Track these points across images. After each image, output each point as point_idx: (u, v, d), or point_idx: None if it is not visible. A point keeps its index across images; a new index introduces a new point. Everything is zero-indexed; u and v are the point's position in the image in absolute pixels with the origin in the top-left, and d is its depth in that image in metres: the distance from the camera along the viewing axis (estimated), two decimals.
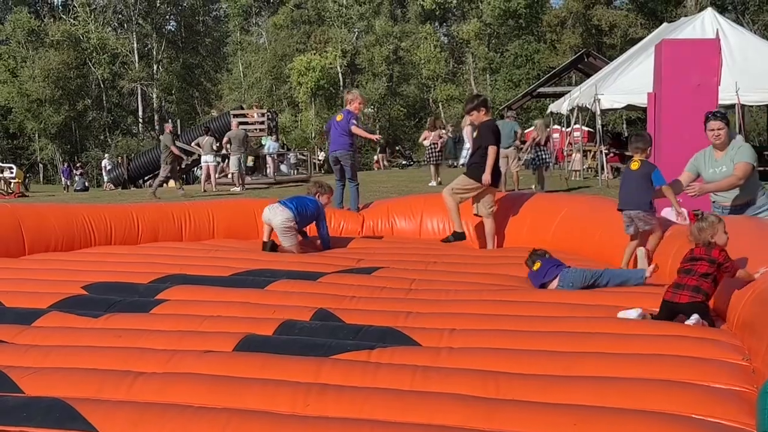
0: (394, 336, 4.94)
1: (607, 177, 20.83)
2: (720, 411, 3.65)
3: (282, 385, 4.07)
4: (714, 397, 3.79)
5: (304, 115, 55.09)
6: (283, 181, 26.59)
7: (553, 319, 5.28)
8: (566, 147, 26.52)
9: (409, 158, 47.16)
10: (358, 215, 10.64)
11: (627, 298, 5.80)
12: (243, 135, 23.36)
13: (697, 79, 10.06)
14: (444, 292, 6.28)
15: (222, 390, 4.04)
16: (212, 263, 7.77)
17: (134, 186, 34.24)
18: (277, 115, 38.90)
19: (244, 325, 5.23)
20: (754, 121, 33.38)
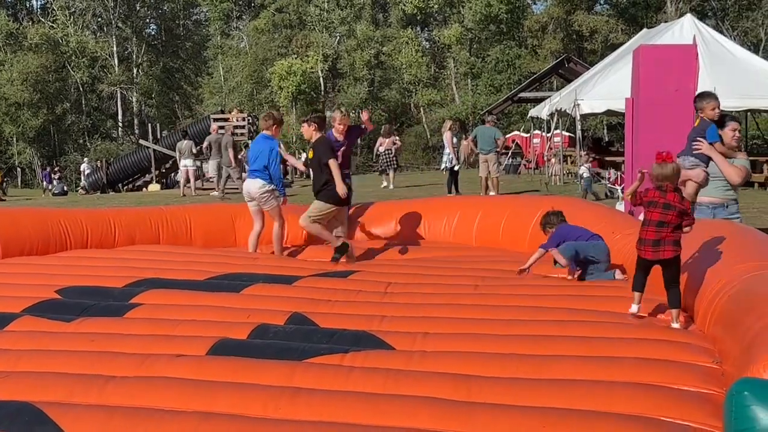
0: (368, 340, 4.96)
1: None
2: (689, 414, 3.69)
3: (254, 388, 4.08)
4: (683, 400, 3.83)
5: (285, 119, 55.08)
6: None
7: (523, 323, 5.31)
8: (547, 152, 26.63)
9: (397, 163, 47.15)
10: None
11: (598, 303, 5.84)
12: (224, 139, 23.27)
13: (674, 84, 10.12)
14: (419, 296, 6.29)
15: (193, 394, 4.04)
16: (188, 267, 7.75)
17: (113, 190, 34.08)
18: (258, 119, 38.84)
19: (218, 329, 5.23)
20: None
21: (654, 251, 5.14)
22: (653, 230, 5.14)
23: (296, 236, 9.72)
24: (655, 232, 5.14)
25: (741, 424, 3.12)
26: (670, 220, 5.13)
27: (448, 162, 19.08)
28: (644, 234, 5.19)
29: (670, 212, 5.13)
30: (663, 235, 5.13)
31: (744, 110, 23.35)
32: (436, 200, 11.67)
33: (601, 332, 4.99)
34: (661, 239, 5.12)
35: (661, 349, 4.57)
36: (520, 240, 9.15)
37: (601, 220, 8.21)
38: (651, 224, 5.17)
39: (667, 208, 5.13)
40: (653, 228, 5.14)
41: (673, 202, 5.14)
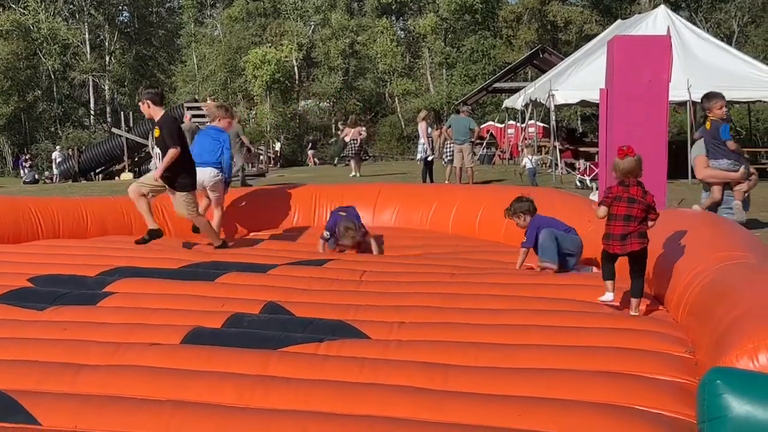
0: (343, 329, 4.95)
1: (561, 173, 21.01)
2: (661, 402, 3.72)
3: (228, 377, 4.07)
4: (656, 389, 3.86)
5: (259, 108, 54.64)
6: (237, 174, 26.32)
7: (499, 312, 5.32)
8: (521, 142, 26.70)
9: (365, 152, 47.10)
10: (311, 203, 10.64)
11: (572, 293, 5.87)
12: (196, 128, 23.16)
13: (648, 75, 10.17)
14: (394, 285, 6.30)
15: (166, 382, 4.03)
16: (161, 255, 7.72)
17: (85, 179, 33.81)
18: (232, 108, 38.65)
19: (192, 318, 5.21)
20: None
21: (621, 245, 5.19)
22: (620, 224, 5.20)
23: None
24: (622, 226, 5.20)
25: (713, 413, 3.15)
26: (636, 213, 5.19)
27: (423, 152, 19.10)
28: (611, 229, 5.24)
29: (635, 206, 5.18)
30: (630, 229, 5.18)
31: None
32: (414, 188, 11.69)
33: (576, 322, 5.01)
34: (629, 233, 5.17)
35: (634, 338, 4.60)
36: (497, 230, 9.18)
37: (576, 211, 8.24)
38: (618, 219, 5.21)
39: (631, 201, 5.19)
40: (620, 222, 5.20)
41: (637, 196, 5.21)
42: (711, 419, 3.16)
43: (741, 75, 19.79)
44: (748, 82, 19.36)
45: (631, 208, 5.18)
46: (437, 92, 54.79)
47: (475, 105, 43.20)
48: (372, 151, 48.36)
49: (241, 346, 4.58)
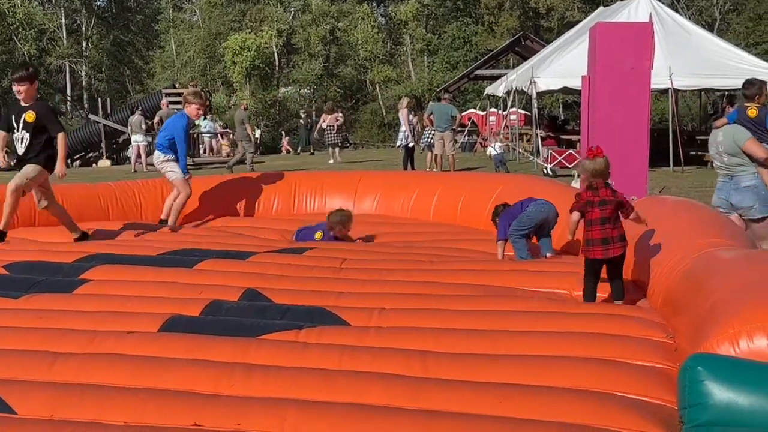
0: (323, 316, 4.94)
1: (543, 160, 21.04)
2: (642, 388, 3.74)
3: (206, 365, 4.05)
4: (636, 375, 3.87)
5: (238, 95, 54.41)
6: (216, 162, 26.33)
7: (479, 298, 5.33)
8: (503, 130, 26.72)
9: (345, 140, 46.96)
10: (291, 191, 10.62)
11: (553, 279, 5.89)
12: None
13: (630, 62, 10.19)
14: (374, 272, 6.29)
15: (144, 371, 4.01)
16: (139, 242, 7.68)
17: None
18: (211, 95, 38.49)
19: (170, 306, 5.18)
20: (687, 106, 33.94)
21: (603, 250, 5.19)
22: (598, 229, 5.21)
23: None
24: (600, 230, 5.21)
25: (694, 399, 3.16)
26: (609, 215, 5.19)
27: (404, 140, 19.09)
28: (590, 234, 5.25)
29: (607, 207, 5.20)
30: (608, 233, 5.19)
31: (699, 89, 23.63)
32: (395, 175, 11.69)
33: (556, 307, 5.03)
34: (608, 237, 5.18)
35: (615, 324, 4.62)
36: (478, 217, 9.18)
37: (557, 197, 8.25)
38: (594, 223, 5.23)
39: (603, 204, 5.21)
40: (597, 227, 5.21)
41: (608, 197, 5.22)
42: (692, 405, 3.17)
43: (722, 63, 19.87)
44: (729, 70, 19.43)
45: (605, 210, 5.20)
46: (418, 79, 54.75)
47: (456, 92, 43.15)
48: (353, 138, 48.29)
49: (219, 333, 4.56)
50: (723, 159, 7.74)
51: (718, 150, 7.77)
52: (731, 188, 7.67)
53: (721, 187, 7.86)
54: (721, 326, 3.47)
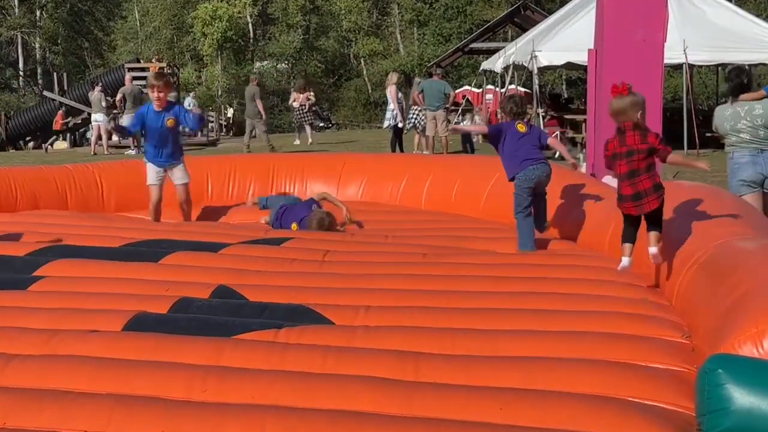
0: (304, 314, 4.93)
1: None
2: (656, 393, 3.73)
3: (176, 368, 4.04)
4: (650, 379, 3.87)
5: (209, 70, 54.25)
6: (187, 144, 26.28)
7: (476, 295, 5.33)
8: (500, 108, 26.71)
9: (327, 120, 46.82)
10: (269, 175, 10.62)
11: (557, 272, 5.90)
12: (138, 91, 23.04)
13: (641, 34, 10.19)
14: (360, 265, 6.29)
15: (108, 374, 3.99)
16: (100, 233, 7.65)
17: (14, 148, 33.40)
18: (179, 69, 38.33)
19: (135, 303, 5.16)
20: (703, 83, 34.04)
21: (636, 206, 5.13)
22: (627, 184, 5.13)
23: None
24: (629, 185, 5.12)
25: (715, 405, 3.16)
26: (639, 166, 5.11)
27: (392, 120, 19.07)
28: (621, 189, 5.19)
29: (635, 157, 5.11)
30: (639, 186, 5.10)
31: (715, 65, 23.64)
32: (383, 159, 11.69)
33: (561, 305, 5.02)
34: (640, 191, 5.10)
35: (625, 323, 4.62)
36: (475, 204, 9.18)
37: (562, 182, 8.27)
38: (623, 178, 5.16)
39: (630, 155, 5.12)
40: (626, 182, 5.13)
41: (636, 145, 5.12)
42: (711, 411, 3.17)
43: (742, 34, 19.93)
44: (749, 43, 19.51)
45: (632, 162, 5.11)
46: (408, 53, 54.64)
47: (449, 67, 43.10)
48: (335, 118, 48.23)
49: (190, 333, 4.55)
50: (759, 132, 8.07)
51: (753, 123, 8.06)
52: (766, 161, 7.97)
53: (754, 161, 8.16)
54: (743, 324, 3.47)
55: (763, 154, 8.07)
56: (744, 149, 8.18)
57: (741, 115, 8.16)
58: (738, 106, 8.26)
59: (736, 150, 8.28)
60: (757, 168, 8.13)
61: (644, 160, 5.11)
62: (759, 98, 8.18)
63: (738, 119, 8.17)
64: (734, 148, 8.31)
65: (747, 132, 8.12)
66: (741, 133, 8.18)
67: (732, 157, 8.36)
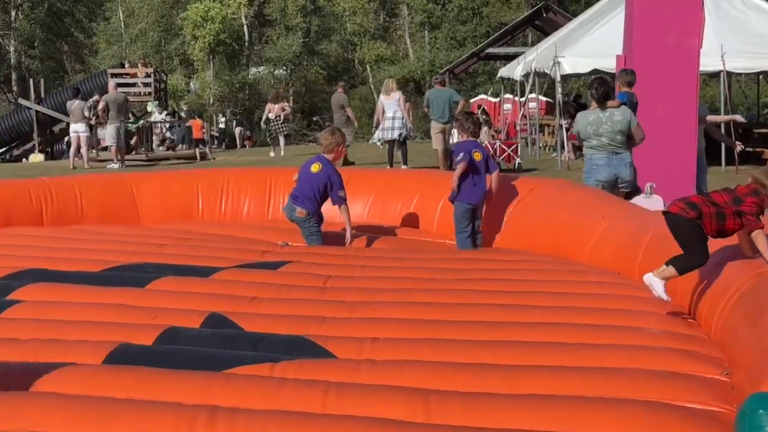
0: (304, 346, 4.93)
1: (568, 157, 21.07)
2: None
3: (161, 407, 4.01)
4: (686, 420, 3.84)
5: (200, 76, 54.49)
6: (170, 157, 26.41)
7: (494, 325, 5.31)
8: (519, 120, 26.75)
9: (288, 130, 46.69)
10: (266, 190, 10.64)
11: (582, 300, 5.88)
12: (122, 99, 23.11)
13: (675, 39, 10.23)
14: (366, 292, 6.28)
15: (86, 414, 3.96)
16: (80, 255, 7.65)
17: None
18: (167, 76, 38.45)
19: (118, 333, 5.16)
20: (742, 92, 34.05)
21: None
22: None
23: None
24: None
25: None
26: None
27: (404, 129, 18.93)
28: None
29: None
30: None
31: (755, 72, 23.64)
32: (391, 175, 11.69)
33: (587, 337, 5.01)
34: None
35: (658, 358, 4.60)
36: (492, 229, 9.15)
37: (588, 203, 8.27)
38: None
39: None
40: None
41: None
42: None
43: None
44: None
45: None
46: (418, 58, 54.75)
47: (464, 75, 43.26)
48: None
49: (177, 367, 4.54)
50: (616, 137, 9.54)
51: (613, 128, 9.48)
52: None
53: (609, 163, 9.62)
54: None
55: (617, 156, 9.61)
56: (602, 152, 9.64)
57: (603, 120, 9.56)
58: (600, 113, 9.62)
59: (594, 153, 9.74)
60: (611, 169, 9.61)
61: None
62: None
63: (600, 124, 9.56)
64: (593, 150, 9.75)
65: (607, 136, 9.55)
66: (602, 137, 9.58)
67: (590, 158, 9.83)
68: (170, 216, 10.23)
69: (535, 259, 7.75)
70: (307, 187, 8.78)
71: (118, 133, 22.38)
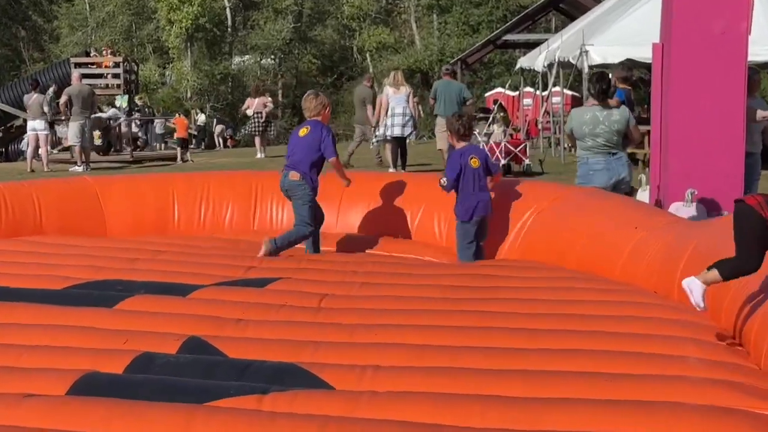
0: (296, 375, 4.94)
1: None
2: None
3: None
4: None
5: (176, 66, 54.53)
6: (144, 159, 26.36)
7: (514, 352, 5.31)
8: (541, 118, 26.74)
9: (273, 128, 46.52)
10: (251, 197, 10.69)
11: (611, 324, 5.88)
12: (88, 92, 23.05)
13: (720, 25, 10.21)
14: (366, 313, 6.29)
15: None
16: (38, 271, 7.67)
17: None
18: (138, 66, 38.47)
19: (83, 359, 5.17)
20: None
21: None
22: None
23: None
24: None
25: None
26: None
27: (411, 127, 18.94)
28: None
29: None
30: None
31: None
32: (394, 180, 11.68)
33: (619, 366, 5.00)
34: None
35: (702, 390, 4.59)
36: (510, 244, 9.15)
37: (619, 213, 8.27)
38: None
39: None
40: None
41: None
42: None
43: None
44: None
45: None
46: (425, 46, 54.76)
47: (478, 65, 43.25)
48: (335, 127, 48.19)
49: (152, 399, 4.55)
50: (613, 138, 9.78)
51: (611, 128, 9.73)
52: None
53: (608, 167, 9.82)
54: None
55: (614, 158, 9.86)
56: (599, 155, 9.89)
57: (600, 120, 9.79)
58: (598, 111, 9.87)
59: (590, 156, 9.95)
60: (610, 173, 9.83)
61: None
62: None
63: (597, 124, 9.79)
64: (589, 153, 9.96)
65: (603, 137, 9.79)
66: (598, 138, 9.81)
67: (587, 162, 9.99)
68: (142, 227, 10.25)
69: (558, 276, 7.75)
70: (298, 150, 9.18)
71: (82, 131, 22.21)
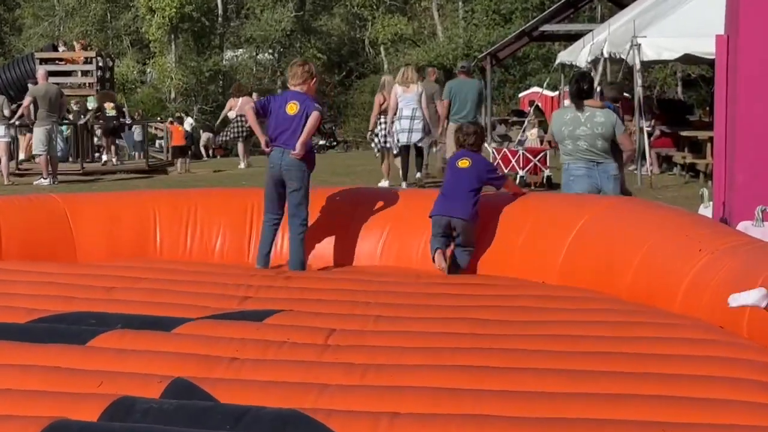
0: (300, 423, 4.95)
1: (651, 171, 21.03)
2: None
3: None
4: None
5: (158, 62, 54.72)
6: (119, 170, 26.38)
7: (555, 397, 5.31)
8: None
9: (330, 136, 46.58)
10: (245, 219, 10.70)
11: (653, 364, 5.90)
12: (57, 93, 23.08)
13: None
14: (381, 351, 6.31)
15: None
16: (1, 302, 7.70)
17: None
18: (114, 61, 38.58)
19: (52, 405, 5.19)
20: None
21: None
22: None
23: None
24: None
25: None
26: None
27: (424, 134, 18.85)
28: None
29: None
30: None
31: None
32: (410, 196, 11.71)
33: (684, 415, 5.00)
34: None
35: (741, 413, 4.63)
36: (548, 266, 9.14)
37: (678, 230, 8.24)
38: None
39: None
40: None
41: None
42: None
43: None
44: None
45: None
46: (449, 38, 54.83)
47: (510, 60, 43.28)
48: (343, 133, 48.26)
49: None
50: (596, 142, 10.39)
51: (593, 131, 10.32)
52: None
53: (589, 174, 10.44)
54: None
55: (598, 167, 10.43)
56: (580, 161, 10.50)
57: (581, 121, 10.39)
58: (579, 112, 10.45)
59: (571, 161, 10.59)
60: (591, 180, 10.44)
61: None
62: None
63: (578, 125, 10.41)
64: (570, 158, 10.60)
65: (585, 140, 10.41)
66: (578, 141, 10.43)
67: (567, 168, 10.68)
68: (118, 251, 10.26)
69: (608, 308, 7.72)
70: (291, 128, 9.59)
71: (49, 138, 22.14)
